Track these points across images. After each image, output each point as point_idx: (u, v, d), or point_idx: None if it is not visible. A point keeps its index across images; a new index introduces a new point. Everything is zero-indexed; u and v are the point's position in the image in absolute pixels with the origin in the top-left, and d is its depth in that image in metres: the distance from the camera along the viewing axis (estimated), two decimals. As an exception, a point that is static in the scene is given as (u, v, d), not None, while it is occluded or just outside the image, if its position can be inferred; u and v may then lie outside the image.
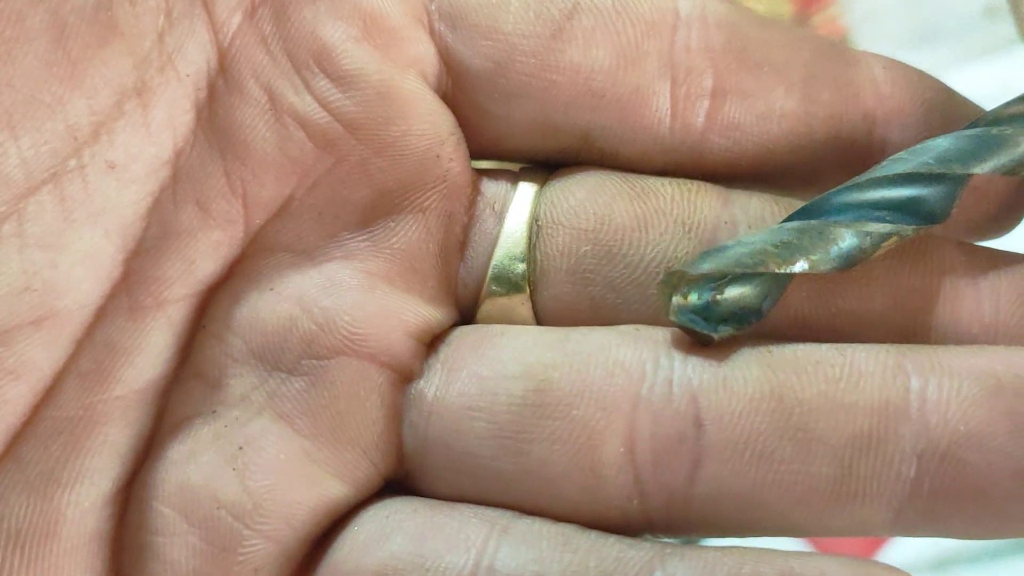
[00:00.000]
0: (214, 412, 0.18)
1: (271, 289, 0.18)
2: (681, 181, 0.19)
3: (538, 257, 0.19)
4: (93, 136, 0.17)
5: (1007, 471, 0.16)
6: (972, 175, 0.17)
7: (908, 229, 0.17)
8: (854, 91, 0.19)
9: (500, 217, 0.19)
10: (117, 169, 0.18)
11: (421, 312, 0.19)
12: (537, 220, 0.19)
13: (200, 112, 0.18)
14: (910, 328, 0.18)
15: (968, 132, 0.18)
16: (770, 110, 0.19)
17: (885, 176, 0.17)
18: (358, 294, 0.18)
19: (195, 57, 0.18)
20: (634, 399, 0.17)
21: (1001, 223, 0.20)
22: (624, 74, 0.19)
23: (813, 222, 0.17)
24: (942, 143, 0.18)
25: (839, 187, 0.18)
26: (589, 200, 0.19)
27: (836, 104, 0.19)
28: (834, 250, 0.17)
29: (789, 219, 0.18)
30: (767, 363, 0.17)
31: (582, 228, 0.19)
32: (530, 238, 0.19)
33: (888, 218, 0.17)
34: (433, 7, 0.19)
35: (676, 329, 0.18)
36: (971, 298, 0.18)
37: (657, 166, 0.19)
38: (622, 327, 0.18)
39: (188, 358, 0.19)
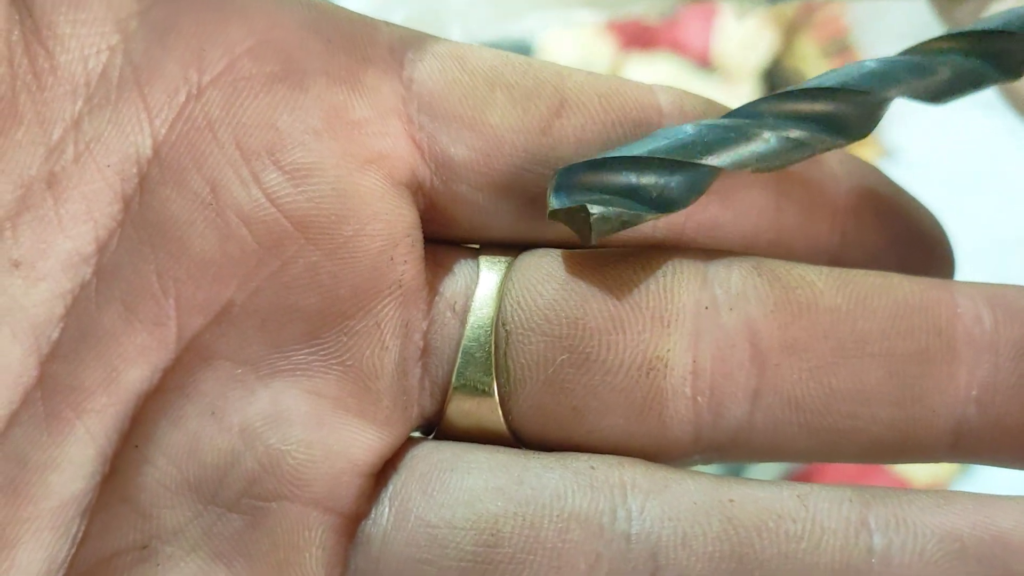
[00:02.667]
0: (145, 547, 0.17)
1: (212, 413, 0.17)
2: (656, 264, 0.18)
3: (511, 366, 0.18)
4: None
5: None
6: (892, 98, 0.18)
7: (828, 141, 0.18)
8: (819, 185, 0.19)
9: (462, 318, 0.18)
10: (23, 267, 0.16)
11: (372, 442, 0.17)
12: (505, 324, 0.18)
13: (128, 204, 0.16)
14: (907, 399, 0.17)
15: (898, 57, 0.19)
16: (748, 208, 0.19)
17: (811, 88, 0.18)
18: (305, 430, 0.17)
19: (119, 145, 0.16)
20: (590, 556, 0.16)
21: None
22: None
23: (739, 121, 0.18)
24: (871, 64, 0.18)
25: (766, 96, 0.18)
26: (561, 301, 0.18)
27: (804, 198, 0.19)
28: (754, 148, 0.17)
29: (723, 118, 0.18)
30: (727, 516, 0.16)
31: (556, 335, 0.18)
32: (498, 344, 0.18)
33: (811, 128, 0.18)
34: (411, 96, 0.18)
35: (636, 466, 0.17)
36: (968, 358, 0.17)
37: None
38: (579, 466, 0.17)
39: (115, 479, 0.17)
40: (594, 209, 0.17)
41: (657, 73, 0.55)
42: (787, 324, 0.17)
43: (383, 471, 0.18)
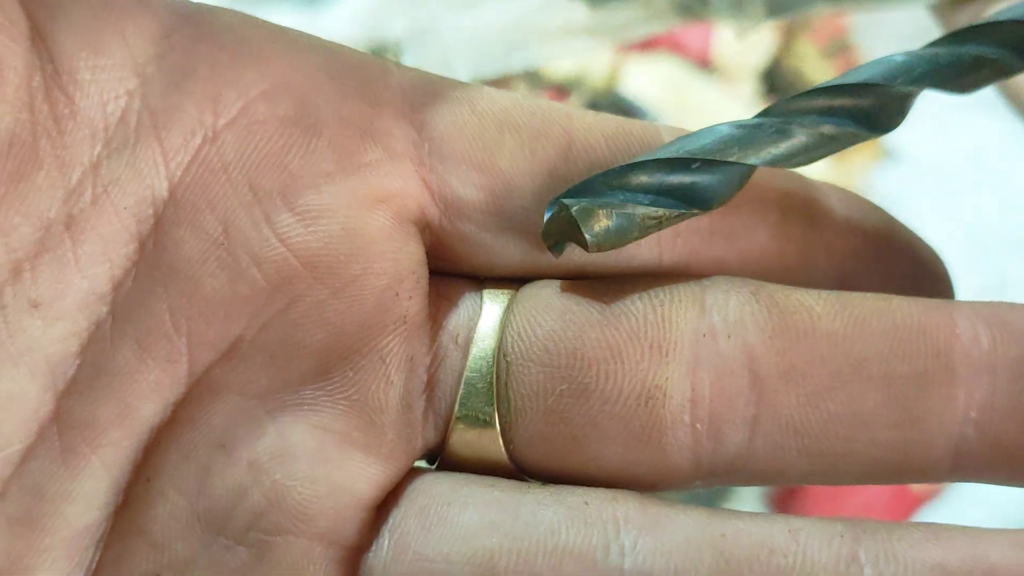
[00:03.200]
0: None
1: (221, 446, 0.17)
2: (653, 292, 0.18)
3: (511, 396, 0.18)
4: (13, 274, 0.16)
5: None
6: (919, 91, 0.19)
7: (856, 136, 0.18)
8: (819, 226, 0.20)
9: (464, 350, 0.18)
10: (41, 307, 0.16)
11: (376, 476, 0.18)
12: (506, 355, 0.18)
13: (143, 244, 0.17)
14: (906, 421, 0.17)
15: (924, 50, 0.19)
16: (751, 248, 0.19)
17: (840, 85, 0.18)
18: (310, 466, 0.17)
19: (136, 187, 0.17)
20: None
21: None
22: None
23: (773, 119, 0.18)
24: (898, 57, 0.19)
25: (794, 95, 0.18)
26: (559, 331, 0.18)
27: (805, 240, 0.19)
28: (785, 145, 0.18)
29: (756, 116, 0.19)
30: (720, 550, 0.16)
31: (555, 365, 0.18)
32: (499, 374, 0.18)
33: (841, 123, 0.18)
34: (422, 139, 0.18)
35: (629, 501, 0.17)
36: (967, 379, 0.17)
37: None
38: (573, 501, 0.17)
39: (128, 511, 0.17)
40: (572, 204, 0.17)
41: (657, 74, 0.55)
42: (785, 350, 0.18)
43: (384, 502, 0.18)
